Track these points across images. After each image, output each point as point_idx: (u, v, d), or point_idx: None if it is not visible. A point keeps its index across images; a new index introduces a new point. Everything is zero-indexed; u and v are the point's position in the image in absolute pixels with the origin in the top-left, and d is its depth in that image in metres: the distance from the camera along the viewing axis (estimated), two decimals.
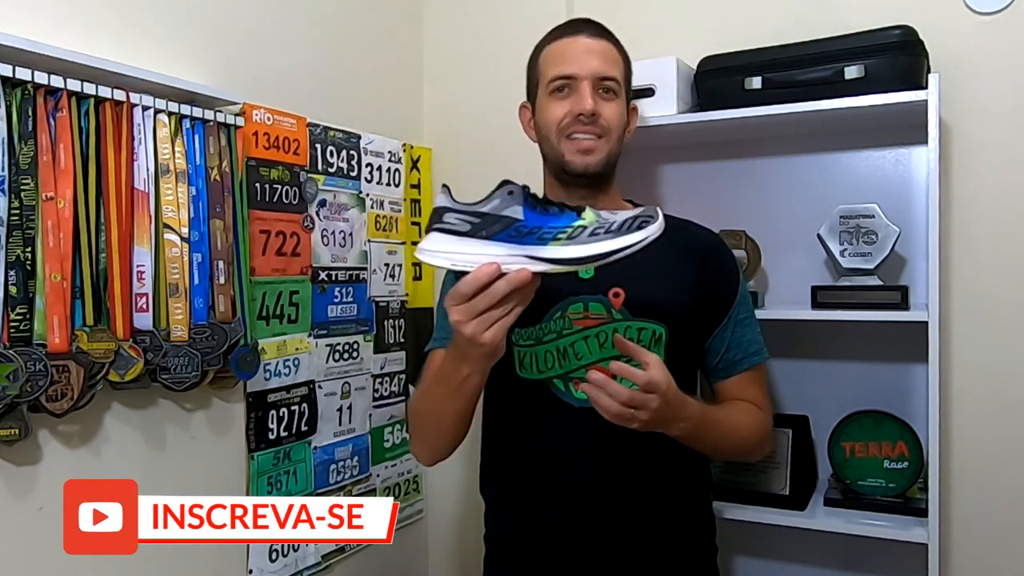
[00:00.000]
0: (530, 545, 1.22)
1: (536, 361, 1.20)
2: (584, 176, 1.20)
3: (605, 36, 1.23)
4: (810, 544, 1.67)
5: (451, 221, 0.90)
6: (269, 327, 1.47)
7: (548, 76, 1.21)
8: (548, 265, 0.87)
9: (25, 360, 1.02)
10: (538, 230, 0.88)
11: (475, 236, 0.89)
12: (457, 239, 0.89)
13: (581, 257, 0.86)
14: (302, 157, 1.55)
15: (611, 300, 1.18)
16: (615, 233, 0.86)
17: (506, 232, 0.88)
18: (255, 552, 1.44)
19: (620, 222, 0.87)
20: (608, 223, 0.87)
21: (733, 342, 1.25)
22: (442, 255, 0.89)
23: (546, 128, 1.21)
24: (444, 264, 0.90)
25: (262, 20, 1.49)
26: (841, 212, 1.54)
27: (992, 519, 1.54)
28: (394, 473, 1.82)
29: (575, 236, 0.87)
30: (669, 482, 1.21)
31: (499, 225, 0.88)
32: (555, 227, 0.88)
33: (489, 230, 0.88)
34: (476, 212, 0.89)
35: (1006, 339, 1.53)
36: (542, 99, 1.23)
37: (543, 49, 1.24)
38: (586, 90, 1.17)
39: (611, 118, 1.19)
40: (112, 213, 1.14)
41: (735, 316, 1.25)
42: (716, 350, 1.25)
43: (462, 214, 0.90)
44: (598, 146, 1.19)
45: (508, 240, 0.88)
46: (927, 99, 1.37)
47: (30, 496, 1.09)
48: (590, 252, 0.86)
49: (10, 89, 1.03)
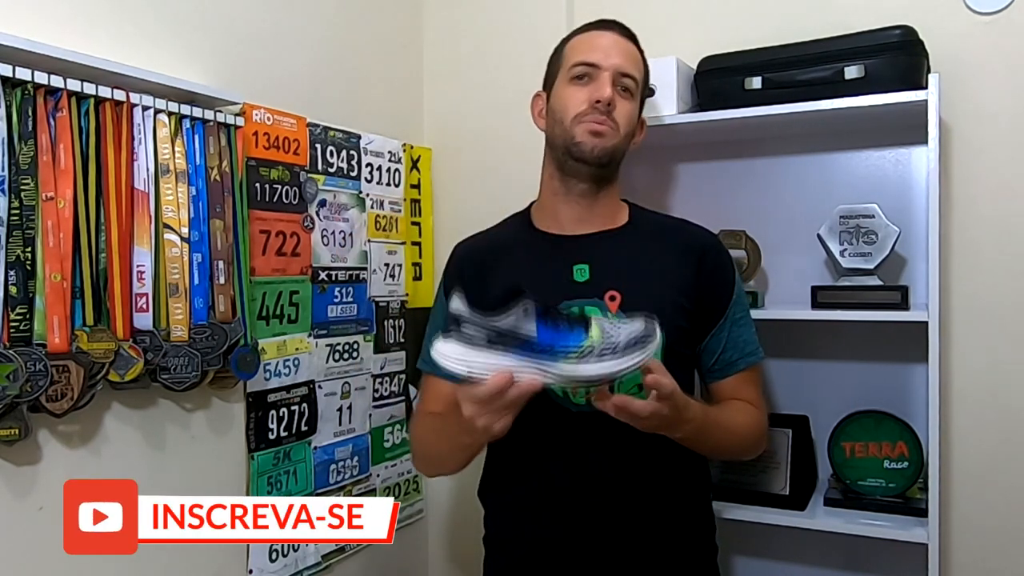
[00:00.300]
0: (531, 549, 1.22)
1: None
2: (588, 162, 1.20)
3: (632, 39, 1.26)
4: (810, 544, 1.67)
5: (470, 332, 0.98)
6: (269, 327, 1.47)
7: (571, 62, 1.22)
8: (558, 380, 0.97)
9: (25, 360, 1.02)
10: (550, 348, 0.96)
11: (491, 348, 0.97)
12: (474, 349, 0.97)
13: (590, 377, 0.96)
14: (302, 157, 1.55)
15: (607, 303, 1.17)
16: (620, 353, 0.96)
17: (520, 347, 0.97)
18: (255, 552, 1.44)
19: (624, 342, 0.97)
20: (614, 344, 0.96)
21: (730, 342, 1.25)
22: (461, 362, 0.97)
23: (561, 112, 1.22)
24: (463, 371, 0.98)
25: (262, 20, 1.49)
26: (841, 212, 1.54)
27: (992, 519, 1.54)
28: (394, 473, 1.82)
29: (584, 356, 0.96)
30: (668, 483, 1.21)
31: (515, 341, 0.97)
32: (567, 346, 0.97)
33: (505, 344, 0.97)
34: (494, 328, 0.98)
35: (1006, 339, 1.53)
36: (560, 85, 1.24)
37: (570, 40, 1.27)
38: (606, 80, 1.19)
39: (623, 115, 1.21)
40: (112, 213, 1.14)
41: (732, 316, 1.25)
42: (713, 350, 1.25)
43: (480, 327, 0.98)
44: (609, 132, 1.19)
45: (522, 354, 0.97)
46: (927, 99, 1.37)
47: (30, 496, 1.09)
48: (599, 373, 0.96)
49: (10, 89, 1.03)
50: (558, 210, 1.26)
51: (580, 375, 0.96)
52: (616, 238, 1.25)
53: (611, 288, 1.18)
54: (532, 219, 1.31)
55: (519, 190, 1.41)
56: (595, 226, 1.25)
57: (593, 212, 1.25)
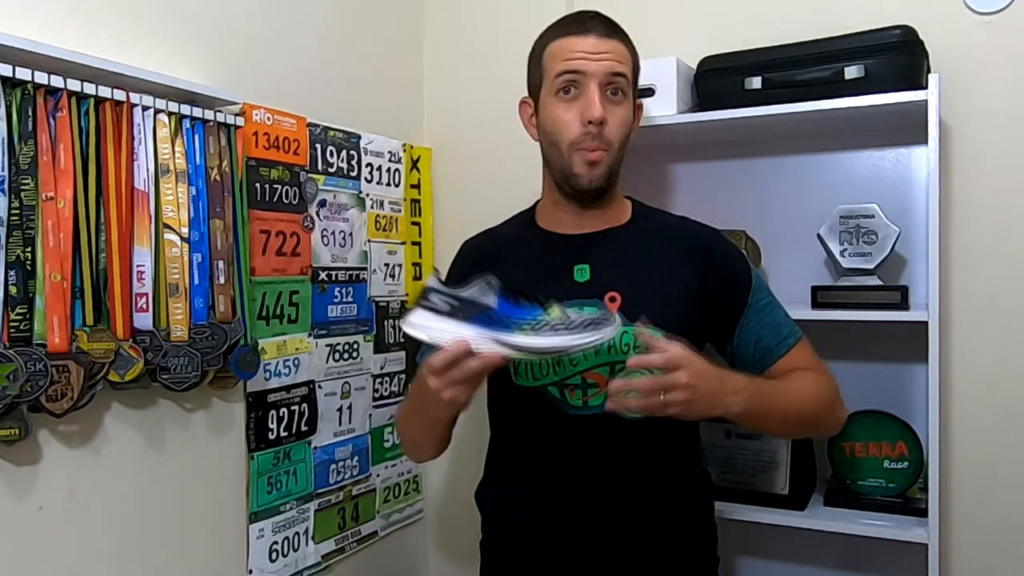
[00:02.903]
0: (527, 554, 1.21)
1: (531, 369, 1.19)
2: (587, 191, 1.19)
3: (615, 34, 1.19)
4: (810, 544, 1.67)
5: (435, 301, 1.04)
6: (269, 327, 1.47)
7: (554, 72, 1.17)
8: (510, 350, 1.01)
9: (25, 360, 1.02)
10: (507, 319, 1.01)
11: (453, 317, 1.02)
12: (438, 317, 1.03)
13: (541, 347, 1.00)
14: (302, 157, 1.55)
15: (607, 305, 1.16)
16: (573, 331, 0.99)
17: (480, 317, 1.01)
18: (255, 552, 1.44)
19: (579, 322, 1.00)
20: (569, 322, 1.00)
21: (763, 329, 1.21)
22: (423, 328, 1.04)
23: (555, 135, 1.18)
24: (423, 337, 1.04)
25: (262, 20, 1.49)
26: (841, 212, 1.54)
27: (992, 519, 1.54)
28: (394, 473, 1.82)
29: (538, 328, 1.00)
30: (668, 490, 1.20)
31: (475, 309, 1.02)
32: (522, 318, 1.01)
33: (466, 313, 1.02)
34: (457, 296, 1.03)
35: (1006, 339, 1.53)
36: (547, 98, 1.19)
37: (549, 44, 1.20)
38: (595, 94, 1.14)
39: (615, 128, 1.17)
40: (112, 213, 1.14)
41: (755, 304, 1.22)
42: (747, 341, 1.21)
43: (445, 296, 1.04)
44: (604, 157, 1.17)
45: (480, 324, 1.01)
46: (927, 99, 1.37)
47: (30, 496, 1.09)
48: (549, 344, 0.99)
49: (10, 89, 1.03)
50: (559, 212, 1.26)
51: (533, 345, 1.00)
52: (617, 237, 1.24)
53: (611, 289, 1.17)
54: (536, 217, 1.30)
55: (519, 190, 1.41)
56: (596, 225, 1.24)
57: (594, 213, 1.24)
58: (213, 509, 1.37)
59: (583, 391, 1.17)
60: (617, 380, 1.01)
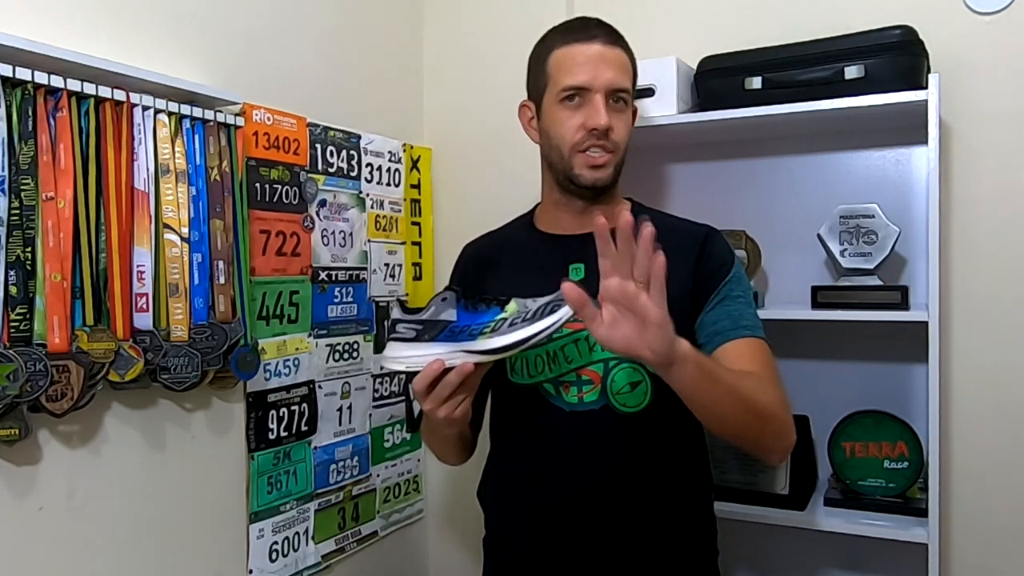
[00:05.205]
0: (528, 550, 1.22)
1: (527, 366, 1.20)
2: (590, 190, 1.20)
3: (618, 43, 1.20)
4: (810, 544, 1.67)
5: (401, 330, 1.05)
6: (269, 327, 1.47)
7: (560, 84, 1.18)
8: (479, 356, 1.01)
9: (25, 360, 1.02)
10: (468, 328, 1.02)
11: (420, 340, 1.04)
12: (407, 345, 1.05)
13: (504, 346, 1.00)
14: (302, 157, 1.55)
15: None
16: (530, 321, 1.00)
17: (444, 333, 1.03)
18: (255, 552, 1.44)
19: (534, 310, 1.01)
20: (524, 312, 1.01)
21: (724, 316, 1.16)
22: (397, 360, 1.05)
23: (557, 139, 1.19)
24: (400, 368, 1.06)
25: (262, 20, 1.49)
26: (841, 212, 1.54)
27: (992, 519, 1.53)
28: (394, 473, 1.82)
29: (498, 328, 1.01)
30: (666, 484, 1.20)
31: (437, 328, 1.04)
32: (482, 323, 1.03)
33: (431, 334, 1.04)
34: (419, 320, 1.05)
35: (1006, 339, 1.53)
36: (550, 106, 1.20)
37: (553, 51, 1.20)
38: (600, 103, 1.15)
39: (621, 134, 1.19)
40: (112, 213, 1.14)
41: (728, 293, 1.18)
42: (705, 323, 1.16)
43: (409, 323, 1.05)
44: (608, 161, 1.18)
45: (447, 340, 1.03)
46: (927, 99, 1.37)
47: (30, 496, 1.09)
48: (510, 341, 1.00)
49: (10, 89, 1.03)
50: (558, 214, 1.26)
51: (496, 346, 1.01)
52: None
53: None
54: (535, 220, 1.31)
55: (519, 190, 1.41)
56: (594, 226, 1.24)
57: (593, 213, 1.24)
58: (213, 509, 1.37)
59: (578, 388, 1.17)
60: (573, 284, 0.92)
